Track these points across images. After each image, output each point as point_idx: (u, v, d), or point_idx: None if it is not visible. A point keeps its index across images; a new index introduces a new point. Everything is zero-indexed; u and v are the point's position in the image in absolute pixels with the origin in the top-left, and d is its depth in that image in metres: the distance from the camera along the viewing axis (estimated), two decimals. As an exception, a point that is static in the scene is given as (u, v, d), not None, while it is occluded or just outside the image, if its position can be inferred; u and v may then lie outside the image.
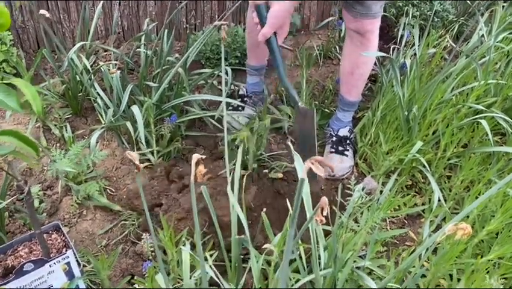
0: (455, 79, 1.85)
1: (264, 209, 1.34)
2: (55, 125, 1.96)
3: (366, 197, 1.14)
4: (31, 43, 2.39)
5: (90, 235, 1.59)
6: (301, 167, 1.17)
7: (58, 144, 1.90)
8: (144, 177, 1.80)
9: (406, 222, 1.72)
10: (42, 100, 1.94)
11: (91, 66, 2.14)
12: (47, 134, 1.95)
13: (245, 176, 1.75)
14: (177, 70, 1.66)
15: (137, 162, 0.76)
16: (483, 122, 1.56)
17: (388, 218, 1.67)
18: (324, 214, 0.70)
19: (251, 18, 1.89)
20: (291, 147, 1.20)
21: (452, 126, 1.68)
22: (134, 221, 1.62)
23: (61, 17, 2.37)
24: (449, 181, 1.78)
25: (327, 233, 1.38)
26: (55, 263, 1.08)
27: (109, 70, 1.68)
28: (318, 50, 2.55)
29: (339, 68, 1.87)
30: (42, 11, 1.41)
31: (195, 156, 0.75)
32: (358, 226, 1.28)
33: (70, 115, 2.05)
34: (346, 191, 1.38)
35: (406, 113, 1.80)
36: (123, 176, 1.81)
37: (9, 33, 2.13)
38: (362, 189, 1.14)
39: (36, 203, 1.62)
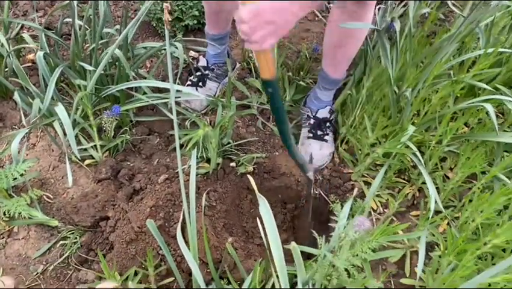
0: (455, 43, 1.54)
1: (230, 239, 1.10)
2: (-25, 114, 1.62)
3: (355, 236, 0.90)
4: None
5: (23, 259, 1.33)
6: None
7: (-21, 140, 1.57)
8: (87, 178, 1.51)
9: (395, 219, 1.50)
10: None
11: (15, 37, 1.76)
12: (-35, 127, 1.62)
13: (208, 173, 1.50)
14: (113, 51, 1.31)
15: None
16: (489, 108, 1.30)
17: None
18: None
19: None
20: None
21: (450, 110, 1.42)
22: (76, 238, 1.36)
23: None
24: (442, 168, 1.55)
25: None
26: None
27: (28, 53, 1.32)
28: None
29: (323, 41, 1.52)
30: None
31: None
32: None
33: (-6, 99, 1.70)
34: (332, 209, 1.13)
35: (396, 90, 1.53)
36: (62, 178, 1.51)
37: None
38: (355, 232, 0.89)
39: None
